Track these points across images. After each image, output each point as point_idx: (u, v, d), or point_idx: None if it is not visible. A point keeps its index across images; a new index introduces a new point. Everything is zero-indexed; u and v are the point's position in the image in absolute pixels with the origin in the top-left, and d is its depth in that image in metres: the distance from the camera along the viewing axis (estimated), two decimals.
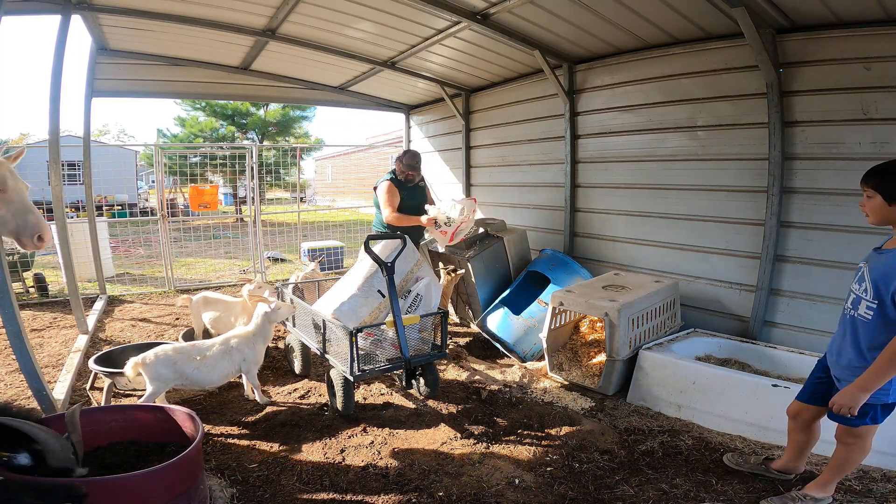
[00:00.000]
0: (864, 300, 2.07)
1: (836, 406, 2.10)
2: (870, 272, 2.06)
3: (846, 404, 2.07)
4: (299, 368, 4.08)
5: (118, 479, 2.03)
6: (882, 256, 2.05)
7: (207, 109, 19.36)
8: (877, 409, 2.15)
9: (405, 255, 3.50)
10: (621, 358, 3.63)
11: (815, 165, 3.72)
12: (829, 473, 2.41)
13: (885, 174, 2.04)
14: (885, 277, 1.98)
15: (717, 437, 3.14)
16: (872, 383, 2.00)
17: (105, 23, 4.98)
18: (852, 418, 2.13)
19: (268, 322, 3.52)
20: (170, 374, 3.15)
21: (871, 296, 2.03)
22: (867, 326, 2.06)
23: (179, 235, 10.48)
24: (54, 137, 4.55)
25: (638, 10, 3.96)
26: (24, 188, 2.52)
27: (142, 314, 5.93)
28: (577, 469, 2.81)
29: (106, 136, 41.84)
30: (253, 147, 7.95)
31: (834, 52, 3.55)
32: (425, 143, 8.27)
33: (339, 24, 5.01)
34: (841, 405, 2.09)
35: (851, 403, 2.06)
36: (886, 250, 2.06)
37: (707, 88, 4.27)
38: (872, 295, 2.02)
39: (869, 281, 2.04)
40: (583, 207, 5.49)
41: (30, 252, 2.75)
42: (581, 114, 5.37)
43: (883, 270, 2.00)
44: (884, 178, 2.03)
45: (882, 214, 2.07)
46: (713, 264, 4.36)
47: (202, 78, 6.82)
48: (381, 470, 2.80)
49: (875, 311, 2.01)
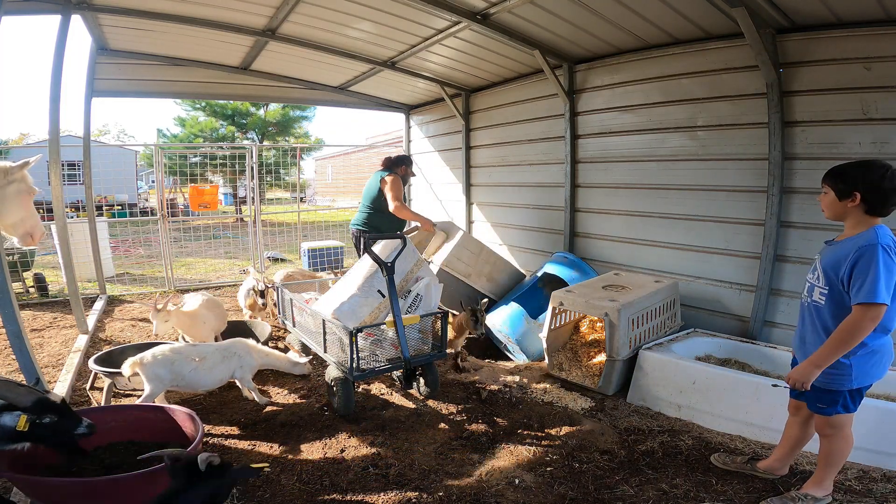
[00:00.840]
0: (816, 287, 2.26)
1: (790, 380, 2.24)
2: (821, 262, 2.26)
3: (799, 378, 2.20)
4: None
5: (118, 479, 2.04)
6: (832, 247, 2.25)
7: (207, 109, 19.38)
8: (845, 396, 2.24)
9: (405, 254, 3.50)
10: (621, 358, 3.63)
11: (815, 165, 3.72)
12: (821, 470, 2.44)
13: (838, 173, 2.21)
14: (834, 265, 2.16)
15: (717, 437, 3.14)
16: (823, 360, 2.15)
17: (105, 23, 4.98)
18: (824, 407, 2.27)
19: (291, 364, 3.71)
20: (167, 375, 3.14)
21: (822, 282, 2.22)
22: (821, 311, 2.23)
23: (179, 235, 10.48)
24: (54, 137, 4.55)
25: (638, 10, 3.96)
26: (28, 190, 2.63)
27: (142, 314, 5.92)
28: (577, 469, 2.81)
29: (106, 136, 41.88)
30: (253, 147, 7.95)
31: (834, 52, 3.55)
32: (425, 143, 8.27)
33: (339, 24, 5.01)
34: (795, 379, 2.22)
35: (804, 378, 2.19)
36: (836, 241, 2.26)
37: (707, 88, 4.27)
38: (824, 282, 2.21)
39: (820, 269, 2.24)
40: (583, 207, 5.49)
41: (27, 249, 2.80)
42: (581, 114, 5.37)
43: (833, 259, 2.18)
44: (837, 176, 2.20)
45: (834, 210, 2.24)
46: (713, 264, 4.36)
47: (202, 78, 6.82)
48: (381, 470, 2.80)
49: (826, 297, 2.20)
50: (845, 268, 2.10)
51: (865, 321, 2.04)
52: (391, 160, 5.21)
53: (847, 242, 2.16)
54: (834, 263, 2.17)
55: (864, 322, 2.04)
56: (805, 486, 2.46)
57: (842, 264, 2.12)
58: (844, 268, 2.10)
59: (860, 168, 2.15)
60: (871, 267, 2.02)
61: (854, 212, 2.16)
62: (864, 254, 2.05)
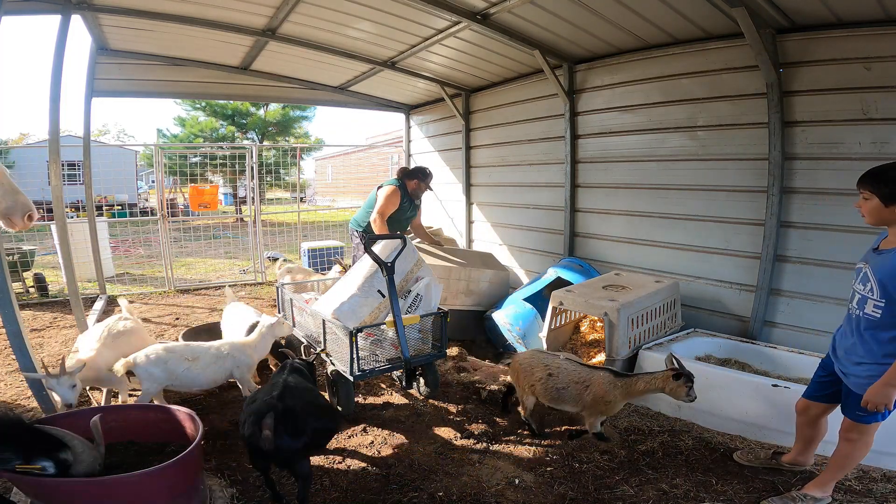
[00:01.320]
0: (870, 299, 2.12)
1: (870, 405, 2.12)
2: (874, 272, 2.11)
3: (880, 402, 2.10)
4: None
5: (118, 480, 2.03)
6: (882, 256, 2.10)
7: (207, 109, 19.37)
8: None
9: (405, 254, 3.50)
10: (621, 358, 3.63)
11: (815, 165, 3.72)
12: (829, 473, 2.43)
13: (881, 177, 2.09)
14: (892, 277, 2.03)
15: (717, 437, 3.14)
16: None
17: (105, 23, 4.98)
18: (864, 415, 2.19)
19: (270, 334, 3.56)
20: (161, 374, 3.13)
21: (878, 295, 2.09)
22: (876, 324, 2.11)
23: (179, 235, 10.48)
24: (54, 137, 4.55)
25: (638, 10, 3.96)
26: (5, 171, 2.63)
27: (142, 314, 5.93)
28: (577, 469, 2.81)
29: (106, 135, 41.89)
30: (253, 147, 7.95)
31: (834, 52, 3.55)
32: (425, 143, 8.27)
33: (339, 23, 5.01)
34: (875, 403, 2.11)
35: (885, 399, 2.09)
36: (885, 250, 2.11)
37: (707, 88, 4.27)
38: (879, 294, 2.08)
39: (875, 281, 2.10)
40: (583, 207, 5.48)
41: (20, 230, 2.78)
42: (581, 114, 5.37)
43: (888, 270, 2.04)
44: (881, 180, 2.09)
45: (879, 215, 2.13)
46: (713, 264, 4.36)
47: (202, 78, 6.82)
48: (381, 470, 2.80)
49: (883, 310, 2.07)
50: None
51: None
52: (406, 171, 5.01)
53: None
54: (891, 275, 2.04)
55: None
56: (806, 487, 2.46)
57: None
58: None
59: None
60: None
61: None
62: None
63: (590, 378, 2.97)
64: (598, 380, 2.95)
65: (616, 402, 2.93)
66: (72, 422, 2.38)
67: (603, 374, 2.97)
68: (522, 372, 3.18)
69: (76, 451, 2.06)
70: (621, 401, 2.94)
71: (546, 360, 3.15)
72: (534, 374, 3.11)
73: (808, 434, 2.61)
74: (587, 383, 2.96)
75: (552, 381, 3.04)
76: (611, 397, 2.90)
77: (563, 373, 3.04)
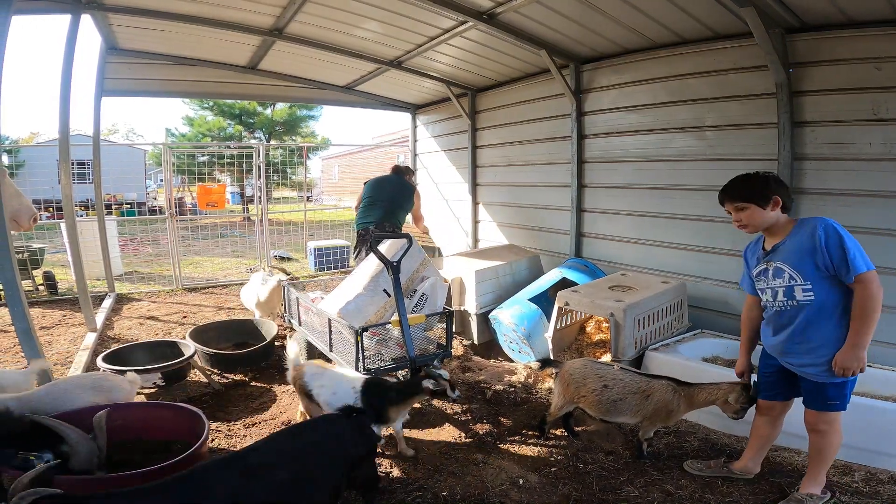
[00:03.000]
0: (797, 286, 2.26)
1: (845, 371, 2.17)
2: (786, 263, 2.28)
3: (850, 366, 2.16)
4: None
5: (123, 477, 2.05)
6: (783, 247, 2.29)
7: (215, 109, 19.48)
8: (848, 386, 2.27)
9: (411, 254, 3.50)
10: (627, 358, 3.62)
11: (824, 166, 3.69)
12: (815, 466, 2.43)
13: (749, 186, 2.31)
14: (801, 255, 2.22)
15: (723, 439, 3.12)
16: (862, 339, 2.14)
17: (115, 22, 5.02)
18: (835, 402, 2.27)
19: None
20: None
21: (802, 279, 2.24)
22: (818, 305, 2.23)
23: (187, 234, 10.54)
24: (64, 136, 4.60)
25: (645, 9, 3.94)
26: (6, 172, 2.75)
27: (150, 312, 5.97)
28: (582, 470, 2.80)
29: (115, 135, 42.10)
30: (260, 146, 7.99)
31: (844, 52, 3.52)
32: (431, 142, 8.27)
33: (345, 23, 5.02)
34: (847, 367, 2.16)
35: (857, 362, 2.15)
36: (780, 243, 2.31)
37: (715, 88, 4.24)
38: (803, 277, 2.23)
39: (792, 269, 2.26)
40: (589, 208, 5.47)
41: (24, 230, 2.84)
42: (588, 114, 5.35)
43: (795, 253, 2.24)
44: (751, 188, 2.30)
45: (761, 219, 2.31)
46: (721, 265, 4.33)
47: (210, 77, 6.86)
48: (385, 469, 2.80)
49: (814, 289, 2.22)
50: (822, 254, 2.15)
51: (873, 288, 2.09)
52: (405, 168, 5.44)
53: (796, 237, 2.26)
54: (799, 258, 2.23)
55: (873, 289, 2.09)
56: (804, 486, 2.45)
57: (815, 254, 2.17)
58: (821, 255, 2.16)
59: (758, 180, 2.31)
60: (842, 241, 2.12)
61: (777, 214, 2.30)
62: (829, 233, 2.15)
63: (650, 387, 2.84)
64: (659, 388, 2.82)
65: (678, 412, 2.83)
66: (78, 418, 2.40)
67: (664, 382, 2.85)
68: (573, 383, 2.97)
69: (72, 442, 2.07)
70: (685, 410, 2.83)
71: (600, 370, 2.96)
72: (586, 386, 2.92)
73: (766, 434, 2.62)
74: (648, 393, 2.83)
75: (607, 394, 2.86)
76: (673, 406, 2.79)
77: (619, 384, 2.87)
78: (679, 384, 2.83)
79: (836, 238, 2.13)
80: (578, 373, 2.98)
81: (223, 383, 3.92)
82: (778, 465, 2.81)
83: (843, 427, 2.36)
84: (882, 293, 2.12)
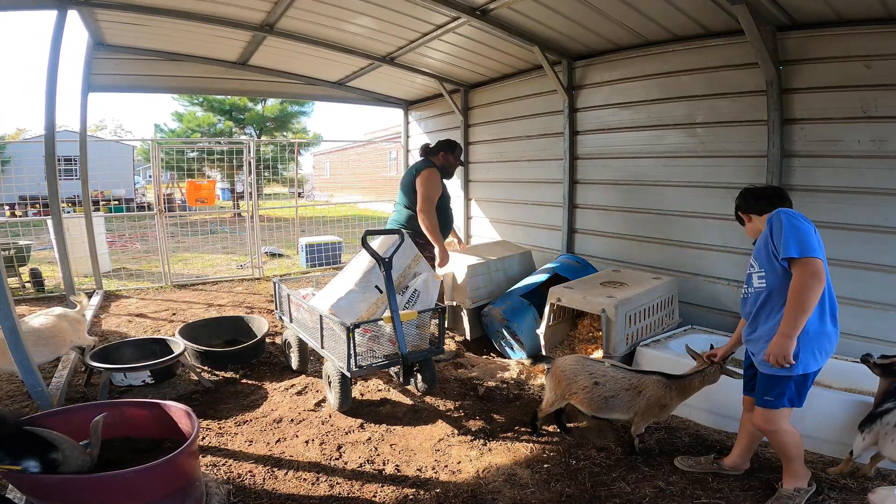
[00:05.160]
0: (754, 274, 2.39)
1: (771, 358, 2.19)
2: (754, 253, 2.43)
3: (778, 353, 2.16)
4: (296, 364, 4.07)
5: (113, 476, 2.02)
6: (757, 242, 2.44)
7: (205, 104, 19.30)
8: (790, 387, 2.26)
9: (403, 250, 3.49)
10: (618, 354, 3.63)
11: (813, 163, 3.72)
12: (786, 465, 2.45)
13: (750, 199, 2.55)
14: (759, 249, 2.37)
15: (713, 435, 3.15)
16: (791, 327, 2.14)
17: (102, 18, 4.94)
18: (771, 400, 2.29)
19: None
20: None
21: (757, 267, 2.37)
22: (768, 294, 2.31)
23: (176, 230, 10.46)
24: (50, 133, 4.54)
25: (638, 6, 3.95)
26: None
27: (138, 309, 5.91)
28: (575, 466, 2.81)
29: (103, 130, 41.60)
30: (250, 142, 7.92)
31: (834, 49, 3.54)
32: (423, 138, 8.23)
33: (337, 18, 4.98)
34: (775, 355, 2.17)
35: (783, 351, 2.16)
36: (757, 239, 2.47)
37: (706, 85, 4.26)
38: (759, 266, 2.36)
39: (753, 258, 2.43)
40: (581, 204, 5.48)
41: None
42: (580, 110, 5.36)
43: (758, 245, 2.39)
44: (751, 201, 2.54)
45: (757, 228, 2.50)
46: (711, 261, 4.36)
47: (200, 73, 6.79)
48: (378, 466, 2.80)
49: (766, 277, 2.32)
50: (769, 240, 2.26)
51: (805, 276, 2.10)
52: (428, 147, 4.42)
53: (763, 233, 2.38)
54: (757, 250, 2.38)
55: (805, 277, 2.10)
56: (786, 482, 2.47)
57: (767, 243, 2.28)
58: (769, 240, 2.26)
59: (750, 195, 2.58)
60: (783, 225, 2.19)
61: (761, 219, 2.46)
62: (772, 222, 2.26)
63: (641, 383, 2.84)
64: (651, 384, 2.82)
65: (672, 405, 2.85)
66: (66, 418, 2.37)
67: (654, 377, 2.86)
68: (564, 380, 2.96)
69: (65, 452, 2.05)
70: (677, 402, 2.86)
71: (591, 367, 2.95)
72: (577, 383, 2.91)
73: (753, 429, 2.61)
74: (639, 389, 2.84)
75: (598, 391, 2.86)
76: (667, 400, 2.81)
77: (610, 380, 2.87)
78: (669, 378, 2.85)
79: (778, 222, 2.21)
80: (570, 369, 2.98)
81: (214, 381, 3.89)
82: (767, 461, 2.84)
83: (833, 423, 2.38)
84: (821, 286, 2.10)
